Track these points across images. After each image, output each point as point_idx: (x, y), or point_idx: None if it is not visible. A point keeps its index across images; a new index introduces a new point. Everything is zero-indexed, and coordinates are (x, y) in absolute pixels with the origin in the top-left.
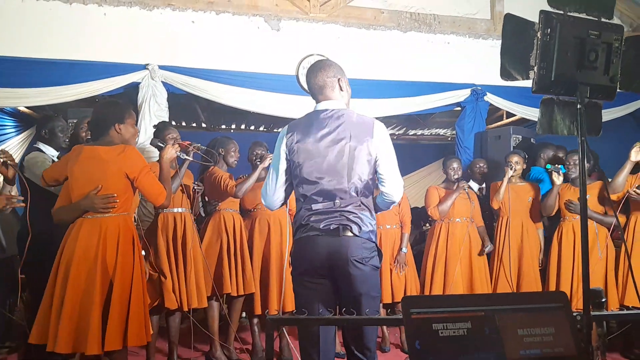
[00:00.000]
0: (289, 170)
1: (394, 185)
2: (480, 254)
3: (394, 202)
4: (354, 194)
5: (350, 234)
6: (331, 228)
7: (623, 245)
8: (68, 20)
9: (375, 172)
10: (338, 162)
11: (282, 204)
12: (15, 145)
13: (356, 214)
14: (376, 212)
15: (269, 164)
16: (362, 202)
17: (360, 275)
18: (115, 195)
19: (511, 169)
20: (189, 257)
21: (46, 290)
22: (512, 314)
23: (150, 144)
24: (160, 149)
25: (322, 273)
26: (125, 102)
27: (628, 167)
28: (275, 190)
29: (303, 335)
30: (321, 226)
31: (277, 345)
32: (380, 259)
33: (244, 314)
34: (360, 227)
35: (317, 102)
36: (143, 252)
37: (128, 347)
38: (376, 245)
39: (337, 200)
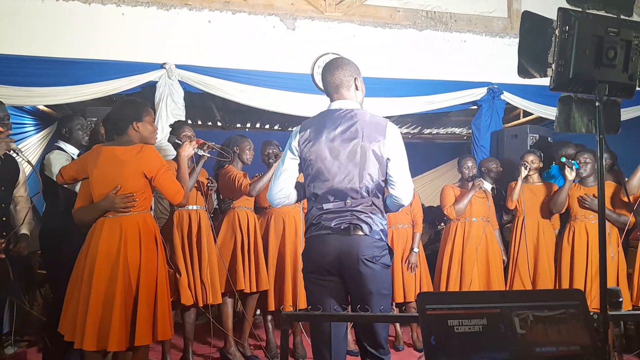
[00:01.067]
0: (299, 168)
1: (404, 188)
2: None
3: (403, 205)
4: (365, 194)
5: (360, 233)
6: (342, 227)
7: None
8: (86, 19)
9: (386, 173)
10: (350, 162)
11: (285, 201)
12: (34, 143)
13: (367, 213)
14: (386, 213)
15: None
16: (373, 202)
17: (370, 273)
18: (134, 194)
19: (526, 168)
20: (204, 253)
21: (71, 288)
22: (528, 311)
23: (168, 141)
24: (177, 146)
25: (333, 271)
26: (143, 101)
27: None
28: (278, 184)
29: (315, 333)
30: (332, 225)
31: (290, 342)
32: (392, 258)
33: (257, 311)
34: (371, 227)
35: (332, 100)
36: None
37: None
38: (387, 244)
39: (348, 200)
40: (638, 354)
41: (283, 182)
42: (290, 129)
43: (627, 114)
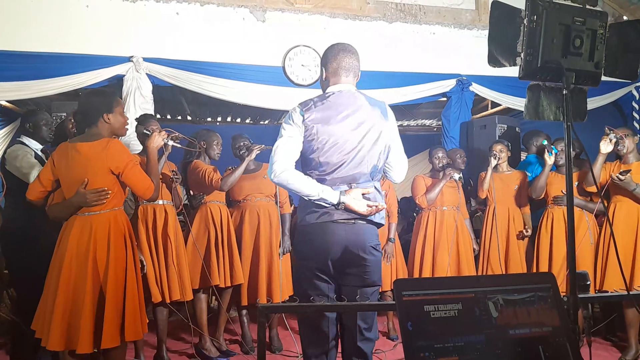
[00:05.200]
0: (302, 150)
1: (400, 171)
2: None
3: (394, 182)
4: (370, 178)
5: (364, 221)
6: (348, 215)
7: (603, 231)
8: (50, 12)
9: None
10: (359, 146)
11: (287, 177)
12: None
13: (371, 199)
14: None
15: (256, 155)
16: (375, 187)
17: (375, 262)
18: (107, 188)
19: (495, 158)
20: (170, 249)
21: (46, 286)
22: (501, 295)
23: (136, 131)
24: (145, 137)
25: (338, 260)
26: (112, 91)
27: (600, 159)
28: (284, 155)
29: (308, 327)
30: (340, 212)
31: (266, 336)
32: None
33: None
34: (375, 214)
35: (335, 82)
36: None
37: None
38: None
39: (354, 184)
40: (603, 336)
41: (289, 153)
42: (262, 122)
43: (591, 104)
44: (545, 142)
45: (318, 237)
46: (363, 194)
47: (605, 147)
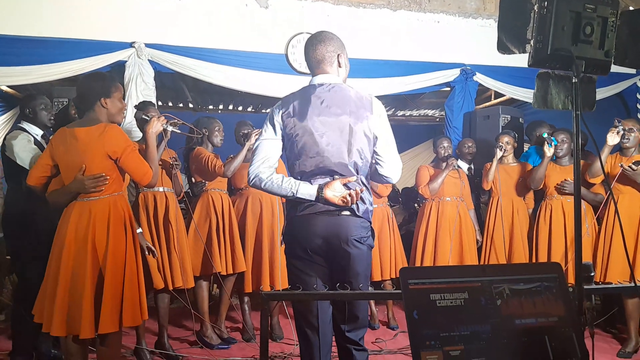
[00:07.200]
0: (283, 146)
1: (392, 167)
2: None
3: (391, 183)
4: (353, 170)
5: (348, 213)
6: (331, 207)
7: (604, 222)
8: None
9: (374, 151)
10: (338, 137)
11: (263, 176)
12: None
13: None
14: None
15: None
16: (361, 180)
17: (358, 254)
18: (104, 174)
19: (501, 149)
20: (172, 236)
21: (45, 273)
22: (507, 284)
23: (135, 116)
24: (144, 122)
25: (320, 252)
26: (112, 75)
27: (606, 151)
28: (259, 157)
29: (301, 317)
30: (323, 204)
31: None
32: (373, 239)
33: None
34: (358, 206)
35: (314, 75)
36: (140, 230)
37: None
38: (371, 224)
39: (336, 177)
40: (602, 328)
41: (264, 157)
42: (264, 110)
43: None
44: (546, 135)
45: (300, 230)
46: (344, 184)
47: (613, 138)
